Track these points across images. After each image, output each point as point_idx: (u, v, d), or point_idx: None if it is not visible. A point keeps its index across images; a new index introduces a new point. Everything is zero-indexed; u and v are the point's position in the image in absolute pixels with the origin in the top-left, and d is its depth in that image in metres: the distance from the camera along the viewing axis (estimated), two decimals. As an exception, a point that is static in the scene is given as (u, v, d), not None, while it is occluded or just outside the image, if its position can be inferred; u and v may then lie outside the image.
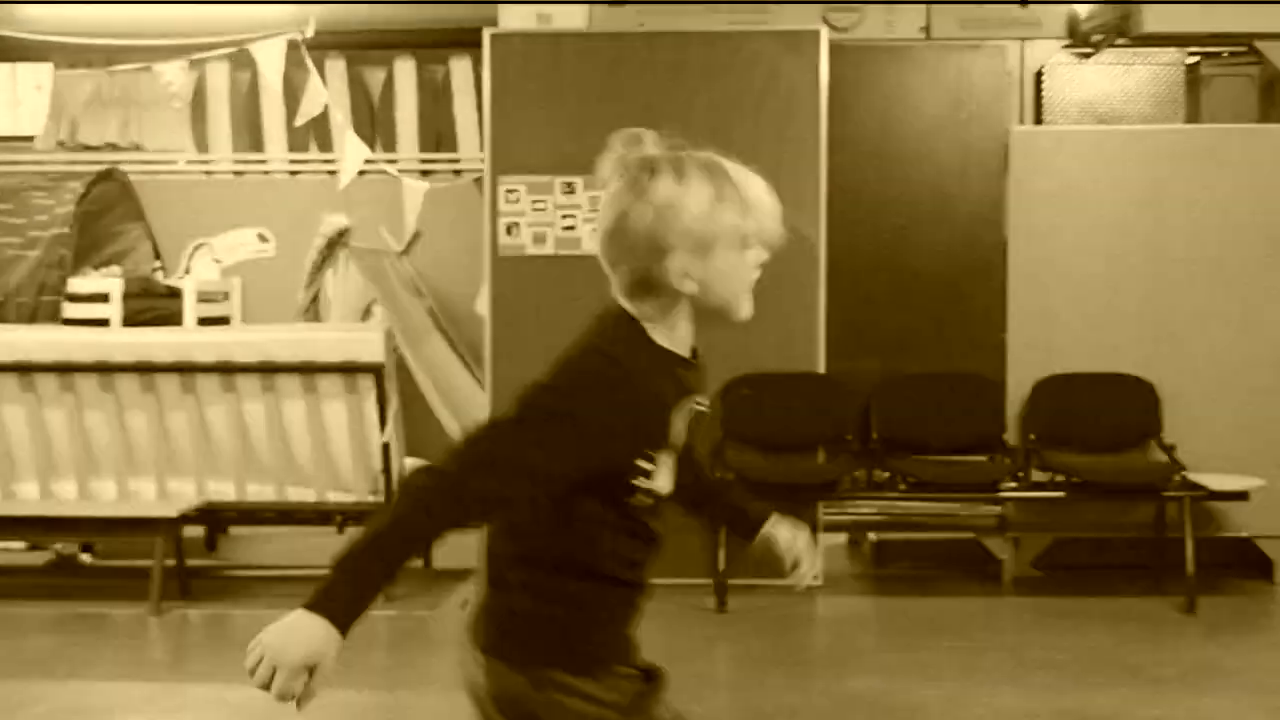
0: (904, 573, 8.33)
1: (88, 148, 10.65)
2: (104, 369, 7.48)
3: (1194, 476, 7.42)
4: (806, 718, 5.62)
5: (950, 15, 7.93)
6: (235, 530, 8.92)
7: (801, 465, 7.79)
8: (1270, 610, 7.49)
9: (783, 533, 2.88)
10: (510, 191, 7.79)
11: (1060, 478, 7.62)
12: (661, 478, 2.48)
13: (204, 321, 9.42)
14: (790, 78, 7.73)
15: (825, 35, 7.75)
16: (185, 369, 7.42)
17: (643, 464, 2.43)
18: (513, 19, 7.97)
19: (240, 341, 7.54)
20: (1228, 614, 7.28)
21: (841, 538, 8.67)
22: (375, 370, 7.32)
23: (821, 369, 7.79)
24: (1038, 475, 7.71)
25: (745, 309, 2.53)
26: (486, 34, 7.81)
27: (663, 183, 2.42)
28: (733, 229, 2.45)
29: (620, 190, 2.45)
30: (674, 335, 2.49)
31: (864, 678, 6.17)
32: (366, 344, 7.38)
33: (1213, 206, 7.79)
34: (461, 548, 4.75)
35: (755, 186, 2.52)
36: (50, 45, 9.86)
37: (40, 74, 10.95)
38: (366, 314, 9.64)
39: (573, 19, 7.96)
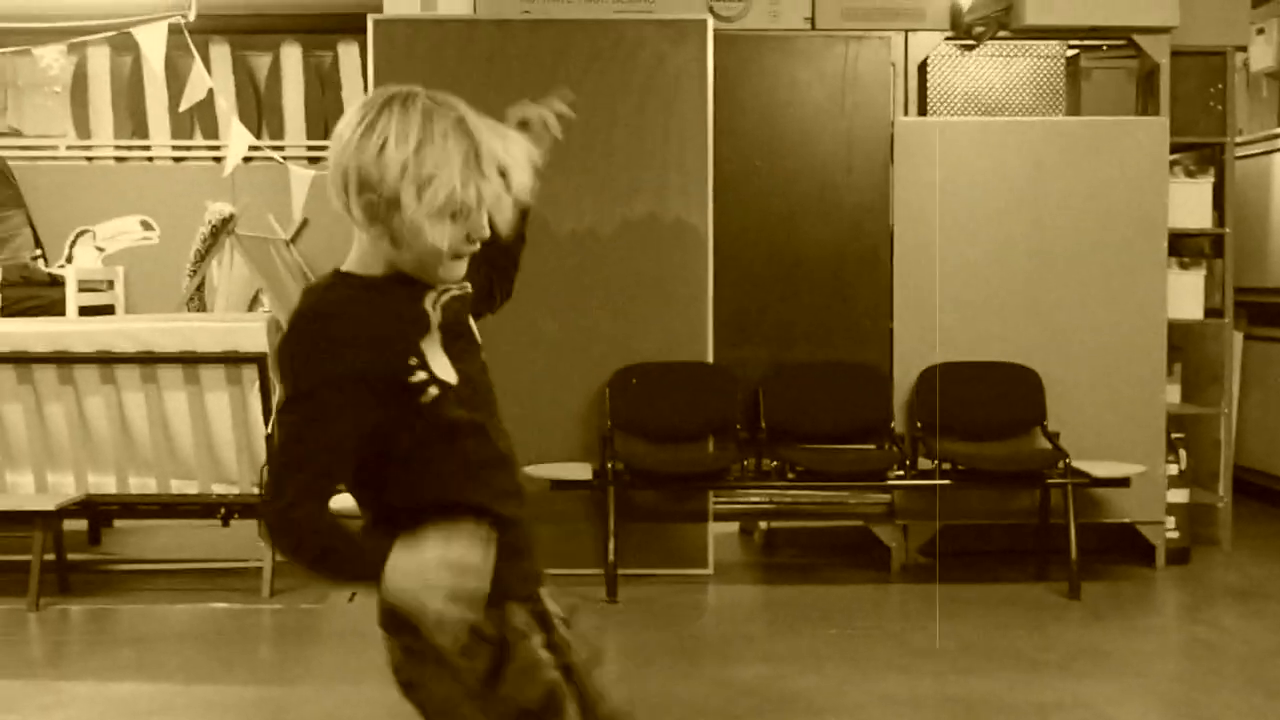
0: (794, 561, 8.36)
1: (-36, 133, 10.49)
2: (-21, 360, 7.32)
3: (1077, 463, 7.50)
4: (693, 706, 5.63)
5: (834, 6, 7.93)
6: (119, 523, 8.79)
7: (690, 454, 7.79)
8: (1150, 595, 7.59)
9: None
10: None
11: (946, 465, 7.67)
12: (438, 366, 2.47)
13: (86, 311, 9.28)
14: (676, 67, 7.72)
15: (711, 24, 7.75)
16: (63, 360, 7.29)
17: (413, 364, 2.44)
18: (398, 5, 7.91)
19: (120, 331, 7.41)
20: (1109, 599, 7.37)
21: (733, 527, 8.70)
22: (259, 360, 7.22)
23: (710, 358, 7.80)
24: (924, 463, 7.77)
25: (449, 273, 2.50)
26: (371, 20, 7.72)
27: (383, 123, 2.40)
28: (432, 193, 2.39)
29: (348, 122, 2.44)
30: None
31: (752, 666, 6.20)
32: (250, 334, 7.28)
33: (1093, 196, 7.87)
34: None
35: (494, 157, 2.46)
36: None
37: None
38: (254, 303, 9.56)
39: (457, 5, 7.90)
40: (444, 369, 2.47)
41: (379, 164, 2.36)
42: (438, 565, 2.30)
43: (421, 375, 2.43)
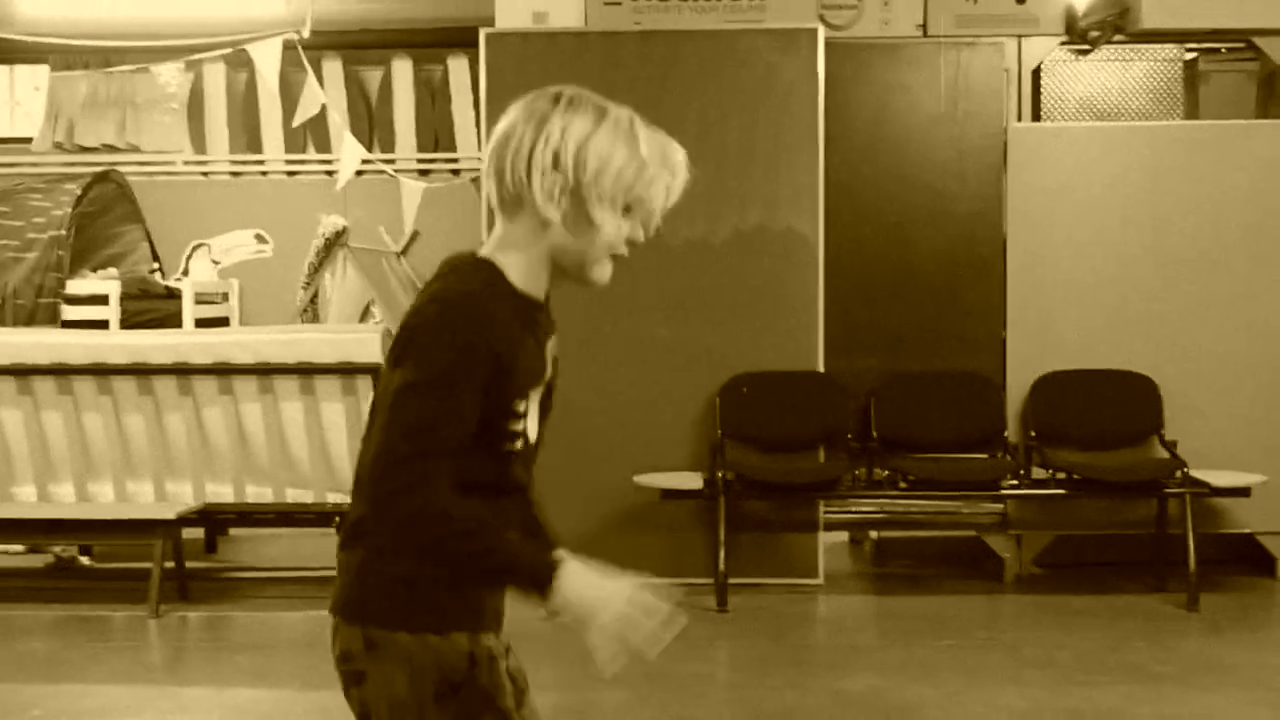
0: (905, 571, 8.34)
1: (85, 149, 10.68)
2: (101, 371, 7.48)
3: (1195, 473, 7.40)
4: (805, 716, 5.63)
5: (947, 12, 7.92)
6: (235, 532, 8.94)
7: (801, 464, 7.78)
8: (1271, 606, 7.50)
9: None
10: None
11: (1061, 475, 7.61)
12: (530, 421, 2.46)
13: (202, 322, 9.43)
14: (786, 75, 7.73)
15: (822, 33, 7.75)
16: (182, 371, 7.42)
17: (518, 405, 2.41)
18: (509, 18, 7.97)
19: (237, 343, 7.54)
20: (1229, 610, 7.28)
21: (843, 536, 8.69)
22: (372, 371, 7.30)
23: (820, 367, 7.79)
24: (1038, 473, 7.71)
25: (601, 274, 2.47)
26: (483, 33, 7.82)
27: (561, 110, 2.39)
28: (615, 178, 2.39)
29: (514, 110, 2.43)
30: (530, 276, 2.45)
31: (862, 676, 6.17)
32: (363, 344, 7.38)
33: (1211, 202, 7.79)
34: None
35: (668, 156, 2.44)
36: (46, 46, 9.88)
37: (37, 75, 10.98)
38: (365, 314, 9.67)
39: (568, 18, 7.96)
40: (533, 423, 2.48)
41: (568, 147, 2.37)
42: (630, 600, 2.31)
43: (516, 424, 2.42)
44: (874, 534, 8.44)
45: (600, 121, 2.39)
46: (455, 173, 10.24)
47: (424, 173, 10.29)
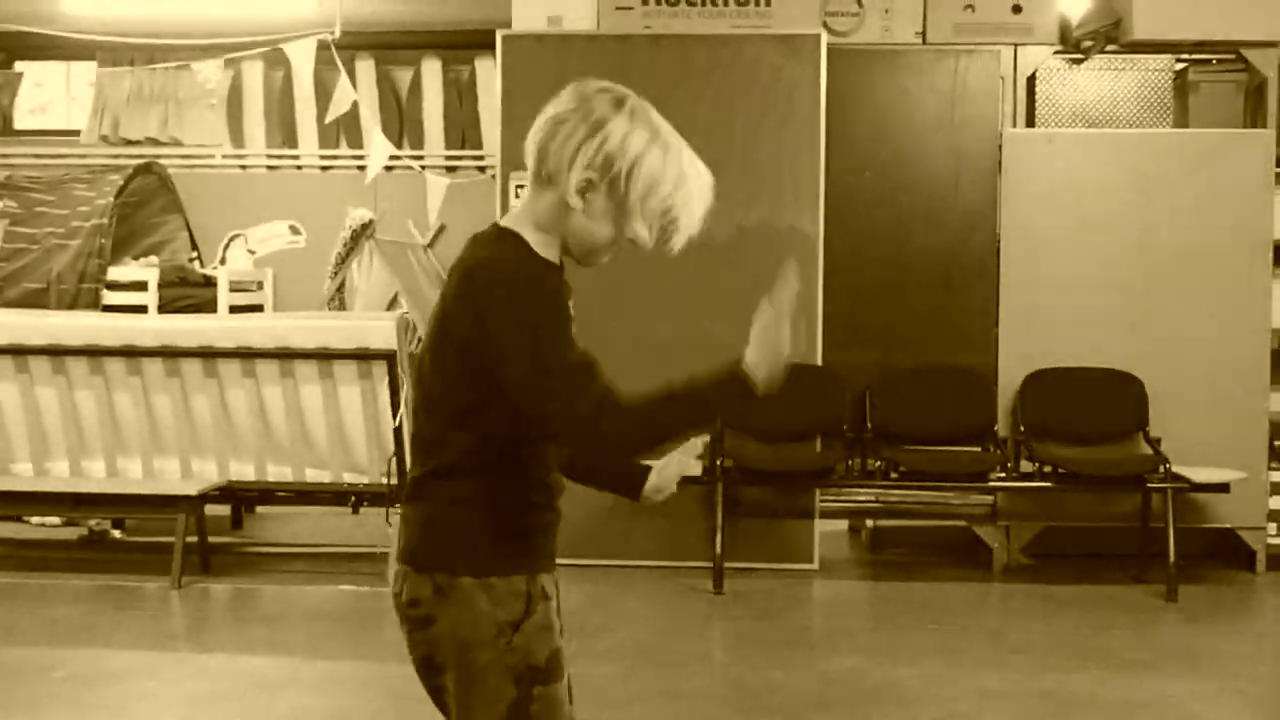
0: (898, 559, 8.57)
1: (129, 142, 11.03)
2: (131, 353, 7.81)
3: (1178, 469, 7.62)
4: (789, 694, 5.84)
5: (946, 20, 8.15)
6: (261, 510, 9.27)
7: (798, 453, 8.04)
8: (1248, 598, 7.68)
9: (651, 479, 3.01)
10: (521, 186, 8.05)
11: (1049, 469, 7.84)
12: None
13: (237, 309, 9.73)
14: (791, 80, 7.99)
15: (825, 39, 8.01)
16: (207, 354, 7.75)
17: None
18: (525, 21, 8.26)
19: (259, 328, 7.85)
20: (1207, 602, 7.48)
21: (842, 525, 8.93)
22: (388, 357, 7.60)
23: (819, 361, 8.05)
24: (1027, 466, 7.94)
25: (602, 261, 2.72)
26: (500, 35, 8.11)
27: (625, 117, 2.60)
28: (661, 199, 2.61)
29: (570, 98, 2.64)
30: (546, 248, 2.66)
31: (848, 657, 6.41)
32: (380, 332, 7.67)
33: (1198, 208, 7.99)
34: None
35: (696, 181, 2.65)
36: (93, 44, 10.22)
37: (86, 71, 11.33)
38: (393, 304, 9.94)
39: (582, 21, 8.24)
40: None
41: (625, 156, 2.59)
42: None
43: None
44: (870, 523, 8.67)
45: (655, 140, 2.61)
46: (481, 169, 10.50)
47: (451, 169, 10.58)
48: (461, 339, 2.58)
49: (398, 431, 7.68)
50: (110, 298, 9.43)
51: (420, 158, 10.53)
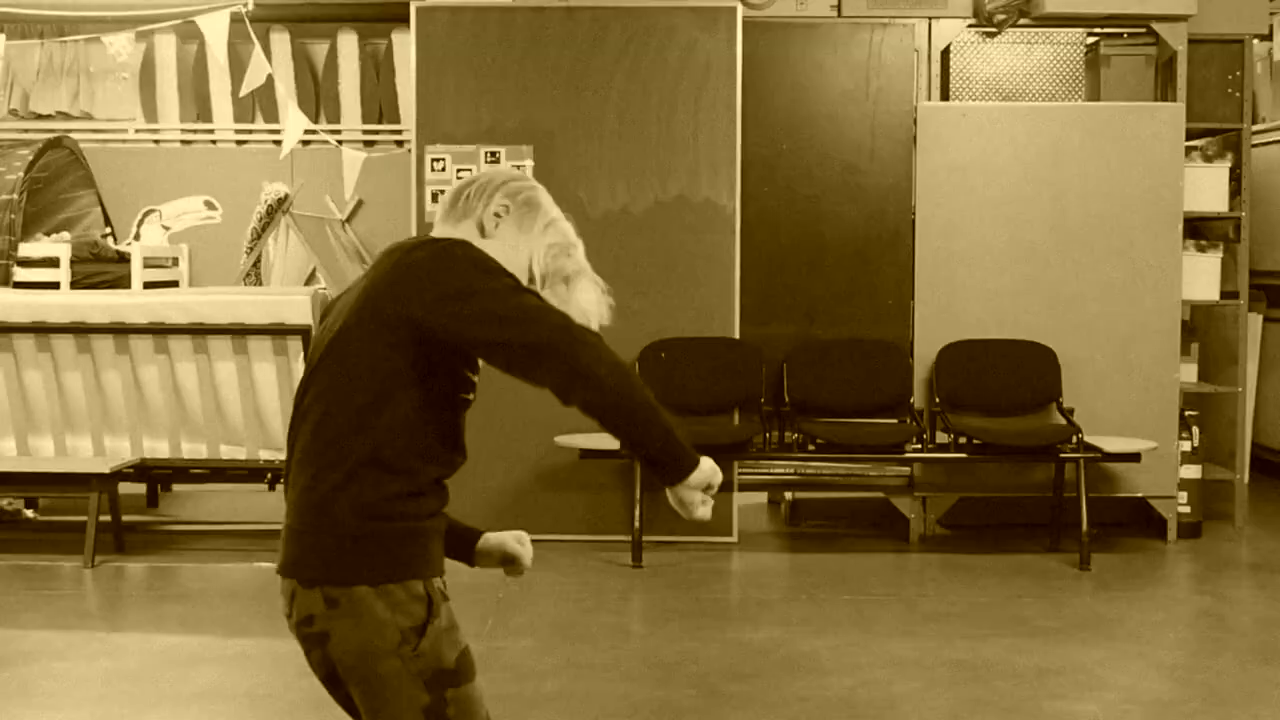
0: (817, 531, 8.62)
1: (39, 116, 10.87)
2: (41, 329, 7.72)
3: (1090, 439, 7.71)
4: (704, 665, 5.88)
5: (861, -7, 8.19)
6: (177, 488, 9.19)
7: (716, 426, 8.06)
8: (1159, 567, 7.77)
9: (504, 535, 3.02)
10: (436, 160, 8.06)
11: (964, 440, 7.90)
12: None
13: (151, 286, 9.61)
14: (707, 53, 7.99)
15: (740, 12, 8.01)
16: (119, 330, 7.66)
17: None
18: (440, -7, 8.21)
19: (173, 303, 7.78)
20: (1119, 570, 7.58)
21: (762, 497, 8.97)
22: (303, 332, 7.56)
23: (736, 334, 8.08)
24: (943, 437, 8.01)
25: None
26: (414, 7, 8.06)
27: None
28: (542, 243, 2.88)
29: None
30: None
31: (764, 628, 6.46)
32: (295, 306, 7.63)
33: (1110, 180, 8.06)
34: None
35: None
36: (1, 16, 10.06)
37: (-2, 44, 11.15)
38: (311, 280, 9.87)
39: (497, -7, 8.21)
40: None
41: (521, 198, 2.86)
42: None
43: (477, 376, 2.77)
44: (789, 495, 8.70)
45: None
46: (399, 144, 10.43)
47: (368, 143, 10.51)
48: (396, 315, 2.61)
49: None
50: (21, 274, 9.27)
51: (337, 132, 10.44)
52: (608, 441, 7.77)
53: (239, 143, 10.80)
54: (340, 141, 10.11)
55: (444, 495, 2.75)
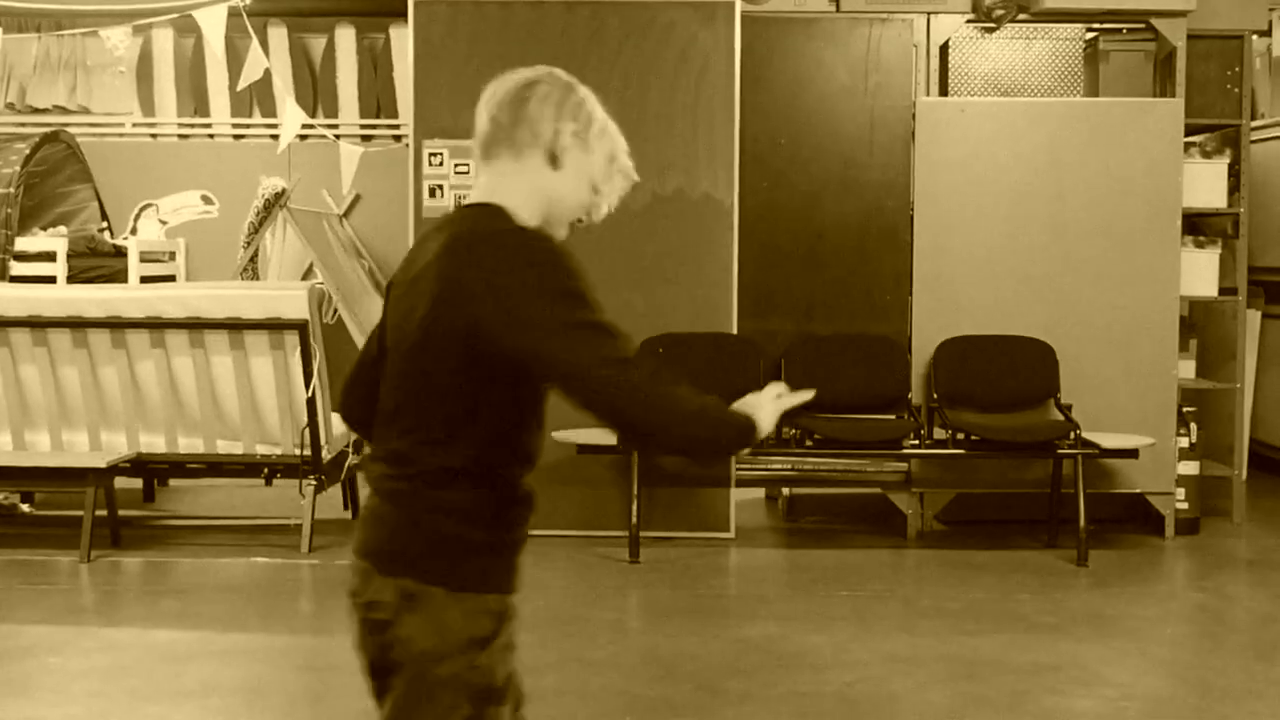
0: (815, 526, 8.60)
1: (36, 110, 10.86)
2: (37, 324, 7.70)
3: (1088, 435, 7.69)
4: (702, 661, 5.87)
5: (859, -12, 8.18)
6: (174, 483, 9.18)
7: (713, 422, 8.00)
8: (1157, 563, 7.77)
9: None
10: (434, 155, 8.04)
11: (962, 435, 7.89)
12: None
13: (148, 280, 9.61)
14: (705, 47, 7.98)
15: (739, 6, 7.99)
16: (116, 325, 7.65)
17: None
18: (438, -13, 8.18)
19: (169, 298, 7.75)
20: (1116, 566, 7.57)
21: (759, 493, 8.96)
22: (300, 327, 7.54)
23: (734, 329, 8.06)
24: (940, 433, 7.99)
25: (563, 231, 2.75)
26: (411, 2, 8.03)
27: (585, 91, 2.75)
28: (611, 151, 2.74)
29: (527, 71, 2.75)
30: (530, 220, 2.70)
31: (762, 624, 6.45)
32: (292, 301, 7.60)
33: (1109, 176, 8.05)
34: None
35: (625, 158, 2.79)
36: (-1, 9, 10.05)
37: (-9, 37, 11.14)
38: (308, 274, 9.86)
39: (495, -13, 8.18)
40: None
41: (595, 111, 2.73)
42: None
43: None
44: (786, 490, 8.69)
45: (605, 115, 2.75)
46: (397, 138, 10.43)
47: (366, 138, 10.51)
48: (470, 317, 2.54)
49: (310, 402, 7.63)
50: (18, 268, 9.30)
51: (334, 126, 10.44)
52: (605, 437, 7.80)
53: (236, 137, 10.81)
54: (338, 136, 10.11)
55: (531, 511, 2.72)
